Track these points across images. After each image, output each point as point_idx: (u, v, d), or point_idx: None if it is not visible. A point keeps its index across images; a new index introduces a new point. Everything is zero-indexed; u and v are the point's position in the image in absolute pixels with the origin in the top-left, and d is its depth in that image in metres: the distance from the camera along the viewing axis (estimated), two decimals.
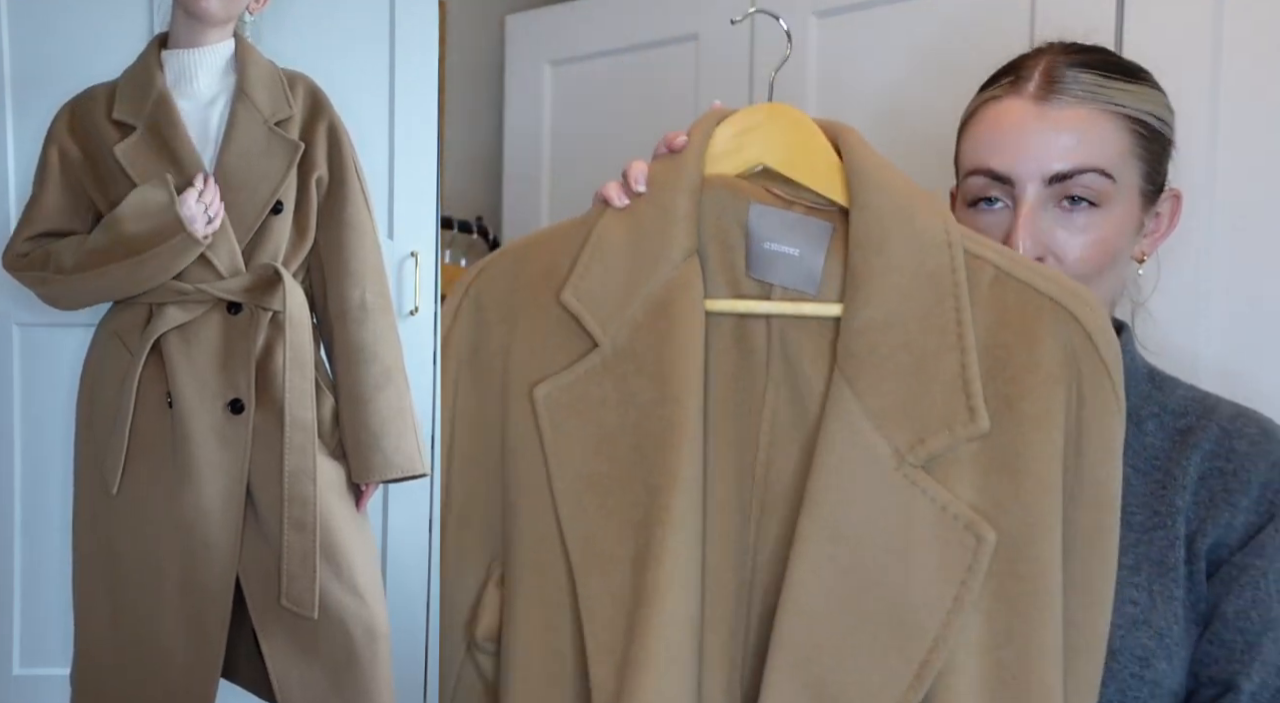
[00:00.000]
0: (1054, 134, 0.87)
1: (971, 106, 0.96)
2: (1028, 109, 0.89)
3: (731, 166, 0.83)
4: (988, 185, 0.90)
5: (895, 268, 0.75)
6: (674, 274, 0.78)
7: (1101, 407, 0.73)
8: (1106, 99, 0.89)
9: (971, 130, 0.94)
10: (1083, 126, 0.87)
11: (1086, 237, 0.88)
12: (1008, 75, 0.93)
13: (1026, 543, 0.72)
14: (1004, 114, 0.90)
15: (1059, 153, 0.87)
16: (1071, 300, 0.74)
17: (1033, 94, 0.89)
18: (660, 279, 0.78)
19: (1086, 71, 0.90)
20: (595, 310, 0.79)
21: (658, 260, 0.78)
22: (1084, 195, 0.88)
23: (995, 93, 0.93)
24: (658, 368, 0.76)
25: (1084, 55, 0.92)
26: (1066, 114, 0.88)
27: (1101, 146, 0.88)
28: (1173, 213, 0.99)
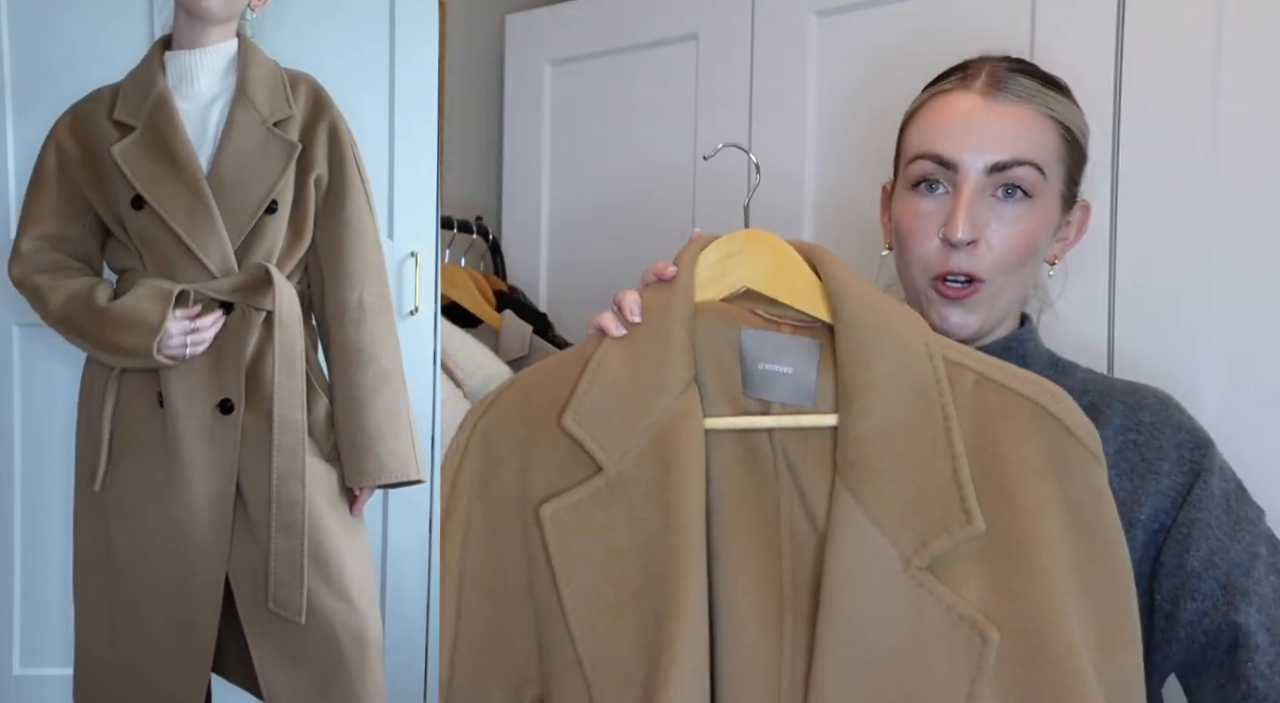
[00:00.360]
0: (998, 126, 0.94)
1: (918, 101, 1.02)
2: (975, 101, 0.96)
3: (717, 292, 0.87)
4: (934, 170, 0.96)
5: (883, 380, 0.79)
6: (675, 404, 0.81)
7: (1085, 476, 0.78)
8: (1043, 103, 0.96)
9: (919, 120, 1.00)
10: (1023, 123, 0.95)
11: (1016, 227, 0.95)
12: (954, 73, 1.00)
13: (1045, 628, 0.75)
14: (953, 104, 0.97)
15: (1001, 143, 0.94)
16: (1047, 399, 0.79)
17: (980, 89, 0.96)
18: (661, 408, 0.81)
19: (1026, 77, 0.98)
20: (597, 435, 0.82)
21: (659, 390, 0.82)
22: (1019, 185, 0.95)
23: (944, 87, 1.00)
24: (662, 497, 0.79)
25: (1022, 64, 1.00)
26: (1009, 110, 0.95)
27: (1038, 144, 0.95)
28: (1082, 222, 1.05)
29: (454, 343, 1.38)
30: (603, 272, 1.79)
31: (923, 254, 0.97)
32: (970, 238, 0.93)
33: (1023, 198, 0.95)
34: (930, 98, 1.00)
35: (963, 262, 0.95)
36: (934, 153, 0.96)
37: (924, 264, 0.97)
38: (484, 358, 1.36)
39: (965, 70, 1.00)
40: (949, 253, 0.95)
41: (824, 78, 1.53)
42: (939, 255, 0.96)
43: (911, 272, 0.99)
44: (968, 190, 0.94)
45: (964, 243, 0.94)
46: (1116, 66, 1.29)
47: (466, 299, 1.58)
